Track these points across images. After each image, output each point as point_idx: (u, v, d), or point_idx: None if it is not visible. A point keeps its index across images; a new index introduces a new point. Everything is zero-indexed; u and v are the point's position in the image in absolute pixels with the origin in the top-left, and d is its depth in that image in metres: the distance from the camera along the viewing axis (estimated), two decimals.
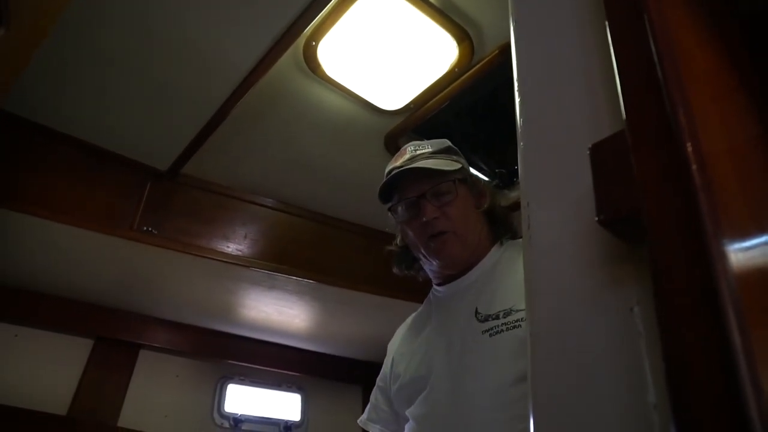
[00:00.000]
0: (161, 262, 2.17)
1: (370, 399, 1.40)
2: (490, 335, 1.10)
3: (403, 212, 1.25)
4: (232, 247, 2.21)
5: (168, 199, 2.16)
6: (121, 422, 2.45)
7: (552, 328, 0.53)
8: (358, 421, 1.41)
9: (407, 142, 2.06)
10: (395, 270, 1.39)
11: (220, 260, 2.14)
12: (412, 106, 1.88)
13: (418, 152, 1.28)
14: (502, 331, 1.09)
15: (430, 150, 1.29)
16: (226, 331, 2.82)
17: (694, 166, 0.38)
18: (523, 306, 1.09)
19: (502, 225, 1.32)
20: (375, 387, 1.40)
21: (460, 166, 1.28)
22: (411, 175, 1.23)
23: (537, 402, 0.51)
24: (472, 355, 1.12)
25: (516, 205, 2.12)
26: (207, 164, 2.16)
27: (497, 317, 1.11)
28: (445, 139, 1.37)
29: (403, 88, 1.83)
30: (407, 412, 1.21)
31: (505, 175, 2.25)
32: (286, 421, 2.92)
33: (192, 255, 2.10)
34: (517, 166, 2.39)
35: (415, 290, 2.21)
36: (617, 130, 0.48)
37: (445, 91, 1.81)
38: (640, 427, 0.41)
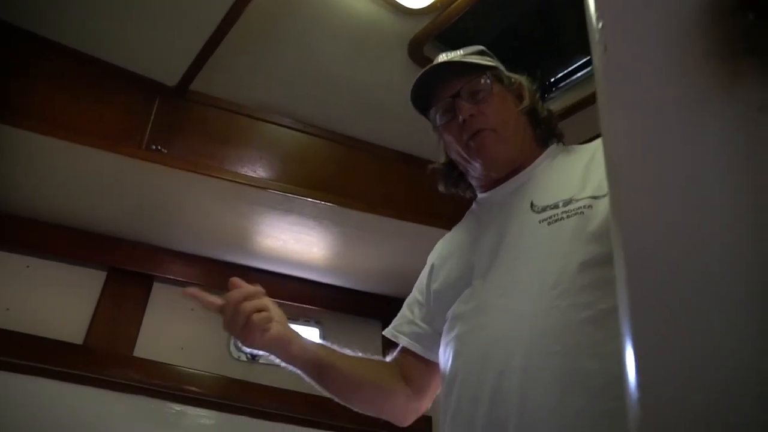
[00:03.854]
0: (172, 184, 2.07)
1: (402, 311, 1.32)
2: (549, 224, 1.00)
3: (440, 117, 1.18)
4: (247, 168, 2.09)
5: (178, 117, 2.03)
6: (137, 353, 2.40)
7: (640, 155, 0.38)
8: (384, 332, 1.34)
9: (432, 51, 1.92)
10: (441, 188, 1.31)
11: (234, 181, 2.02)
12: (438, 4, 1.71)
13: (449, 56, 1.20)
14: (562, 218, 0.99)
15: (461, 53, 1.21)
16: (241, 263, 2.72)
17: None
18: (584, 195, 0.97)
19: (547, 127, 1.22)
20: (409, 299, 1.31)
21: (494, 64, 1.20)
22: (443, 76, 1.16)
23: (629, 270, 0.38)
24: (526, 245, 1.02)
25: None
26: (218, 80, 2.02)
27: (556, 206, 1.01)
28: (479, 45, 1.26)
29: None
30: (448, 313, 1.12)
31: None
32: None
33: (204, 175, 1.98)
34: (548, 80, 2.17)
35: (439, 215, 2.10)
36: None
37: None
38: None
